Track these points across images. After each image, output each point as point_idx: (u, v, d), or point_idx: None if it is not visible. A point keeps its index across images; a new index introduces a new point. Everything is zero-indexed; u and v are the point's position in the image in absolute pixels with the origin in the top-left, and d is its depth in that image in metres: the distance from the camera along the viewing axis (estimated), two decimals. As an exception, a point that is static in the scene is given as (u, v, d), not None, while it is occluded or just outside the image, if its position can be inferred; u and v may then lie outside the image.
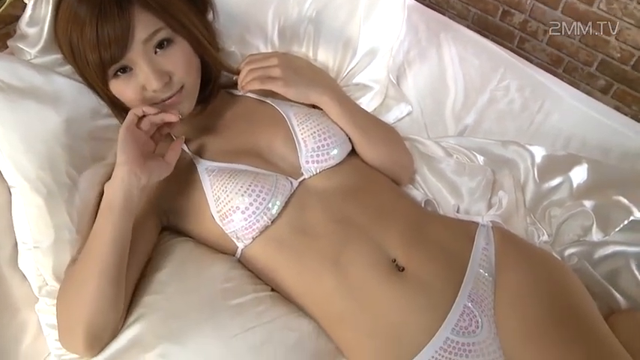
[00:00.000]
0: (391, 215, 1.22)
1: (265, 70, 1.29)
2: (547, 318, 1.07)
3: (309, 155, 1.24)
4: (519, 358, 1.05)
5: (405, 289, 1.10)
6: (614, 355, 1.02)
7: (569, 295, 1.13)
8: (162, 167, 1.14)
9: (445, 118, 1.73)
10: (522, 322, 1.08)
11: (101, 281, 1.05)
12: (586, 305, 1.13)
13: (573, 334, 1.04)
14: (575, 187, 1.51)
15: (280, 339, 1.11)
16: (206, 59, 1.27)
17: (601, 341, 1.05)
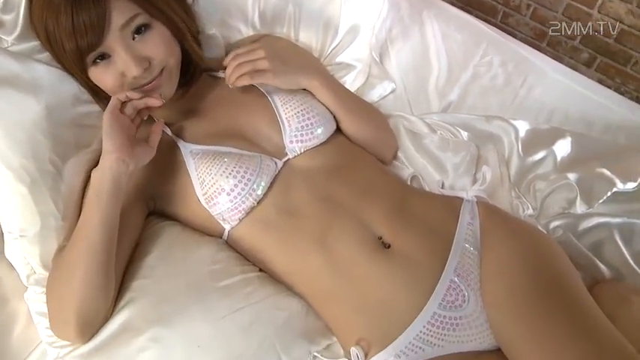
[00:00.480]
0: (376, 193, 1.23)
1: (253, 64, 1.28)
2: (532, 290, 1.08)
3: (293, 135, 1.25)
4: (505, 331, 1.07)
5: (391, 266, 1.11)
6: (597, 326, 1.04)
7: (553, 268, 1.15)
8: (146, 151, 1.15)
9: (429, 95, 1.73)
10: (508, 295, 1.09)
11: (90, 268, 1.05)
12: (570, 277, 1.15)
13: (558, 305, 1.06)
14: (559, 161, 1.52)
15: (269, 319, 1.13)
16: (185, 45, 1.27)
17: (585, 312, 1.06)
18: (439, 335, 1.06)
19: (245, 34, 1.51)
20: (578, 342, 1.00)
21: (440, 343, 1.06)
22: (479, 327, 1.09)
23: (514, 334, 1.06)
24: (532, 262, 1.14)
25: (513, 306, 1.08)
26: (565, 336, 1.01)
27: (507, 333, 1.07)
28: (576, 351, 0.98)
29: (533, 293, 1.08)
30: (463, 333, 1.07)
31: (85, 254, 1.06)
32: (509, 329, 1.07)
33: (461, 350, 1.07)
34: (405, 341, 1.05)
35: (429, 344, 1.06)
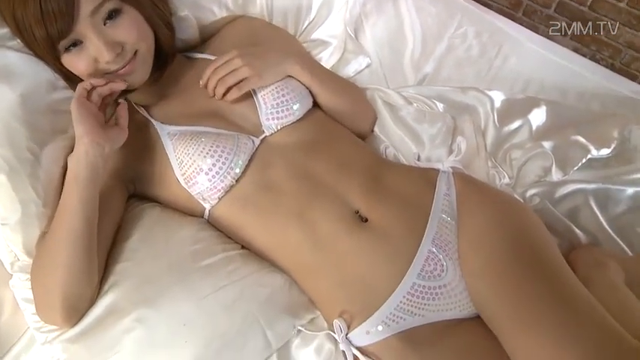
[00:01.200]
0: (352, 167, 1.25)
1: (235, 75, 1.27)
2: (509, 258, 1.11)
3: (269, 112, 1.26)
4: (484, 299, 1.10)
5: (369, 239, 1.14)
6: (573, 293, 1.06)
7: (529, 236, 1.17)
8: (119, 133, 1.15)
9: (404, 68, 1.74)
10: (485, 263, 1.12)
11: (73, 253, 1.07)
12: (546, 244, 1.18)
13: (535, 273, 1.08)
14: (535, 129, 1.54)
15: (252, 295, 1.15)
16: (157, 29, 1.26)
17: (561, 280, 1.09)
18: (419, 305, 1.09)
19: (218, 15, 1.51)
20: (554, 309, 1.02)
21: (420, 313, 1.09)
22: (458, 295, 1.12)
23: (492, 302, 1.09)
24: (508, 230, 1.16)
25: (491, 274, 1.10)
26: (542, 303, 1.03)
27: (486, 301, 1.10)
28: (552, 317, 1.01)
29: (510, 261, 1.11)
30: (443, 302, 1.10)
31: (66, 240, 1.08)
32: (487, 297, 1.10)
33: (441, 319, 1.10)
34: (386, 312, 1.08)
35: (410, 314, 1.08)
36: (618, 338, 0.99)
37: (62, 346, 1.12)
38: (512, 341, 1.04)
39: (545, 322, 1.01)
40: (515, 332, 1.04)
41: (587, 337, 0.98)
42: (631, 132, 1.50)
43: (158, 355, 1.09)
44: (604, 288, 1.21)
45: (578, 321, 1.00)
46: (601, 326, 1.00)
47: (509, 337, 1.05)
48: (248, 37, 1.47)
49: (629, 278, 1.27)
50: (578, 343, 0.96)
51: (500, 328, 1.07)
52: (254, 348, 1.13)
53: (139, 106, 1.34)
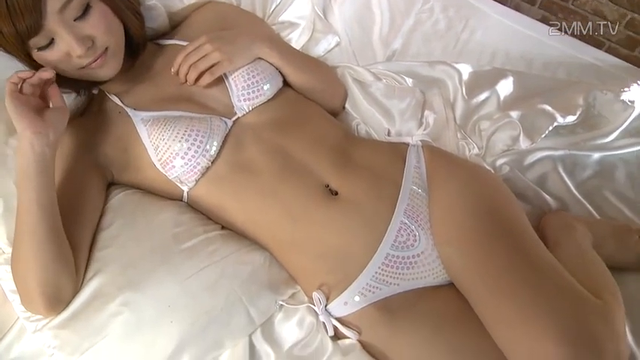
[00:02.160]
0: (323, 144, 1.30)
1: (206, 60, 1.29)
2: (478, 226, 1.17)
3: (240, 94, 1.30)
4: (455, 265, 1.16)
5: (340, 212, 1.19)
6: (538, 257, 1.13)
7: (498, 203, 1.23)
8: (59, 114, 1.14)
9: (373, 45, 1.78)
10: (456, 232, 1.18)
11: (37, 243, 1.09)
12: (514, 212, 1.23)
13: (502, 239, 1.14)
14: (502, 100, 1.59)
15: (234, 274, 1.20)
16: (126, 20, 1.28)
17: (527, 245, 1.15)
18: (394, 274, 1.15)
19: (186, 2, 1.53)
20: (520, 274, 1.08)
21: (395, 282, 1.15)
22: (431, 264, 1.18)
23: (463, 268, 1.15)
24: (477, 199, 1.22)
25: (461, 242, 1.16)
26: (509, 268, 1.09)
27: (457, 268, 1.16)
28: (518, 282, 1.07)
29: (480, 229, 1.16)
30: (417, 270, 1.16)
31: (28, 233, 1.09)
32: (458, 264, 1.15)
33: (416, 287, 1.16)
34: (362, 282, 1.14)
35: (386, 283, 1.14)
36: (579, 298, 1.05)
37: (52, 332, 1.15)
38: (481, 305, 1.10)
39: (511, 286, 1.06)
40: (485, 296, 1.10)
41: (550, 299, 1.03)
42: (595, 98, 1.56)
43: (146, 337, 1.13)
44: (571, 251, 1.27)
45: (541, 285, 1.06)
46: (563, 288, 1.06)
47: (479, 301, 1.11)
48: (217, 22, 1.49)
49: (596, 240, 1.33)
50: (541, 305, 1.02)
51: (471, 292, 1.13)
52: (238, 325, 1.18)
53: (111, 94, 1.36)
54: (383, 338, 1.14)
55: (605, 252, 1.32)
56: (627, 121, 1.56)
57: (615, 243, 1.36)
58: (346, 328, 1.16)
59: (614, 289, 1.16)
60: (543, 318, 1.00)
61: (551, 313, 1.01)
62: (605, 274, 1.22)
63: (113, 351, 1.12)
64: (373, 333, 1.15)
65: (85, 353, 1.12)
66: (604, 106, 1.57)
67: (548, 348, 0.97)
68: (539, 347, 0.98)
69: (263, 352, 1.21)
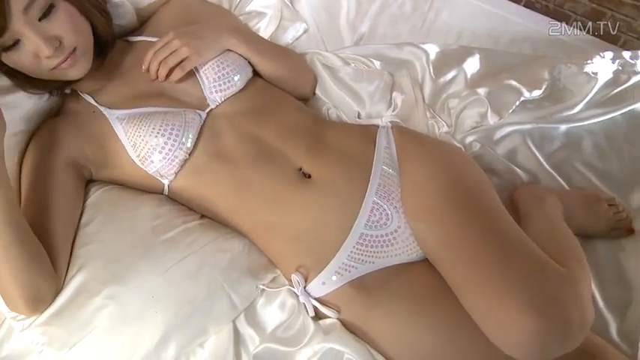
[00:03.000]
0: (295, 129, 1.35)
1: (175, 56, 1.32)
2: (449, 201, 1.22)
3: (211, 86, 1.34)
4: (428, 241, 1.22)
5: (314, 194, 1.24)
6: (508, 231, 1.18)
7: (467, 179, 1.28)
8: None
9: (341, 30, 1.82)
10: (427, 208, 1.23)
11: (5, 250, 1.09)
12: (483, 187, 1.29)
13: (472, 213, 1.20)
14: (470, 77, 1.64)
15: (214, 262, 1.25)
16: (93, 19, 1.31)
17: (497, 219, 1.20)
18: (369, 253, 1.20)
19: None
20: (489, 245, 1.13)
21: (370, 260, 1.20)
22: (405, 241, 1.23)
23: (436, 243, 1.20)
24: (447, 175, 1.27)
25: (433, 218, 1.21)
26: (478, 241, 1.14)
27: (430, 243, 1.21)
28: (488, 254, 1.12)
29: (450, 204, 1.21)
30: (391, 248, 1.21)
31: None
32: (431, 240, 1.21)
33: (391, 264, 1.21)
34: (338, 262, 1.19)
35: (361, 262, 1.20)
36: (544, 267, 1.11)
37: (40, 329, 1.17)
38: (452, 276, 1.15)
39: (480, 258, 1.12)
40: (455, 268, 1.15)
41: (517, 268, 1.09)
42: (560, 72, 1.62)
43: (132, 328, 1.17)
44: (541, 222, 1.33)
45: (509, 255, 1.12)
46: (529, 258, 1.12)
47: (450, 273, 1.16)
48: (185, 16, 1.52)
49: (567, 210, 1.39)
50: (508, 274, 1.08)
51: (443, 265, 1.18)
52: (221, 311, 1.23)
53: (84, 93, 1.39)
54: (361, 315, 1.20)
55: (576, 221, 1.38)
56: (591, 92, 1.61)
57: (585, 212, 1.42)
58: (326, 308, 1.21)
59: (580, 256, 1.22)
60: (510, 286, 1.05)
61: (518, 281, 1.06)
62: (572, 242, 1.28)
63: (101, 343, 1.16)
64: (352, 311, 1.20)
65: (73, 347, 1.15)
66: (568, 79, 1.62)
67: (516, 314, 1.02)
68: (508, 314, 1.03)
69: (247, 336, 1.26)
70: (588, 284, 1.15)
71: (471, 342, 1.13)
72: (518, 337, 1.02)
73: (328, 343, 1.18)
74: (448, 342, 1.15)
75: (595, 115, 1.62)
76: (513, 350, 1.03)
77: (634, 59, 1.72)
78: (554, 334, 1.01)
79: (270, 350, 1.22)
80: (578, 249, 1.25)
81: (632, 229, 1.43)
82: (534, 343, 1.01)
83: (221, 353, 1.23)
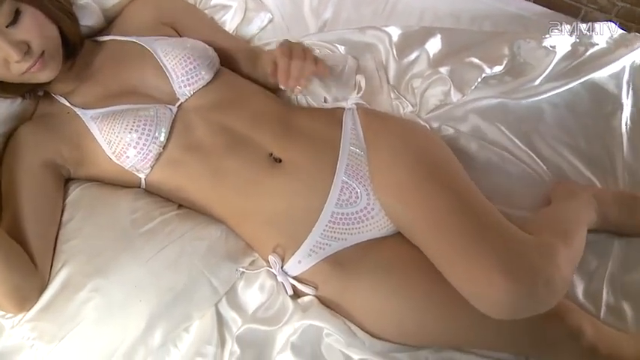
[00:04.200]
0: (263, 117, 1.42)
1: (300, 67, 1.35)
2: (415, 174, 1.30)
3: (180, 81, 1.39)
4: (399, 214, 1.30)
5: (285, 177, 1.32)
6: (474, 201, 1.27)
7: (431, 153, 1.36)
8: None
9: (305, 18, 1.87)
10: (396, 184, 1.31)
11: None
12: (447, 159, 1.38)
13: (438, 185, 1.28)
14: (432, 57, 1.70)
15: (193, 249, 1.32)
16: (60, 23, 1.34)
17: (463, 191, 1.28)
18: (341, 230, 1.29)
19: None
20: (458, 216, 1.22)
21: (343, 237, 1.28)
22: (375, 217, 1.31)
23: (407, 217, 1.28)
24: (412, 151, 1.35)
25: (402, 192, 1.29)
26: (448, 211, 1.23)
27: (401, 216, 1.30)
28: (457, 223, 1.21)
29: (418, 178, 1.29)
30: (362, 225, 1.30)
31: None
32: (401, 212, 1.29)
33: (363, 239, 1.30)
34: (312, 241, 1.28)
35: (334, 239, 1.28)
36: (513, 235, 1.21)
37: (29, 325, 1.23)
38: (429, 248, 1.24)
39: (451, 228, 1.20)
40: (431, 240, 1.23)
41: (488, 236, 1.17)
42: (520, 47, 1.69)
43: (118, 318, 1.24)
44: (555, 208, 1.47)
45: (480, 224, 1.20)
46: (499, 227, 1.21)
47: (426, 245, 1.25)
48: (152, 14, 1.58)
49: (600, 207, 1.48)
50: (480, 242, 1.16)
51: (418, 238, 1.27)
52: (203, 296, 1.31)
53: (57, 95, 1.43)
54: (337, 290, 1.28)
55: (611, 218, 1.47)
56: (550, 65, 1.68)
57: (619, 210, 1.49)
58: (303, 285, 1.29)
59: (569, 235, 1.30)
60: (482, 252, 1.14)
61: (489, 247, 1.15)
62: (567, 224, 1.36)
63: (89, 334, 1.23)
64: (328, 286, 1.29)
65: (63, 339, 1.21)
66: (528, 53, 1.69)
67: (489, 277, 1.11)
68: (482, 277, 1.12)
69: (230, 318, 1.33)
70: (567, 258, 1.22)
71: (444, 308, 1.23)
72: (492, 297, 1.10)
73: (307, 319, 1.26)
74: (422, 310, 1.24)
75: (555, 87, 1.68)
76: (489, 309, 1.12)
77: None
78: (523, 295, 1.10)
79: (253, 331, 1.30)
80: (572, 229, 1.34)
81: None
82: (507, 302, 1.09)
83: (206, 336, 1.30)
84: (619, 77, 1.76)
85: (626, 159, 1.64)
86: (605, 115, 1.71)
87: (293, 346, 1.28)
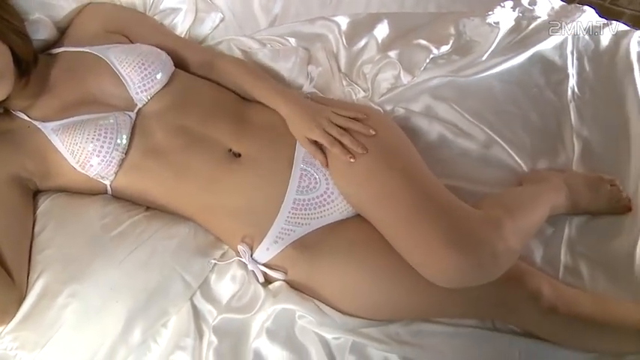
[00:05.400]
0: (220, 114, 1.48)
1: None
2: (370, 157, 1.38)
3: (137, 87, 1.44)
4: (355, 196, 1.39)
5: (245, 170, 1.39)
6: (425, 180, 1.37)
7: (384, 135, 1.44)
8: None
9: (255, 14, 1.93)
10: (351, 166, 1.38)
11: None
12: (399, 143, 1.46)
13: (389, 166, 1.37)
14: (381, 42, 1.78)
15: (163, 248, 1.37)
16: (11, 42, 1.35)
17: (414, 171, 1.38)
18: (304, 216, 1.37)
19: (68, 9, 1.61)
20: (404, 192, 1.31)
21: (306, 222, 1.36)
22: (334, 201, 1.40)
23: (360, 197, 1.38)
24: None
25: (358, 174, 1.37)
26: (395, 189, 1.32)
27: (356, 198, 1.38)
28: (404, 199, 1.30)
29: (372, 160, 1.38)
30: (323, 209, 1.38)
31: None
32: (356, 195, 1.38)
33: (325, 223, 1.38)
34: (278, 228, 1.36)
35: (298, 225, 1.36)
36: (458, 209, 1.31)
37: (11, 336, 1.27)
38: (383, 228, 1.33)
39: (403, 207, 1.30)
40: (384, 218, 1.33)
41: (434, 212, 1.28)
42: (465, 26, 1.78)
43: (96, 320, 1.29)
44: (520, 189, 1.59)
45: (427, 201, 1.30)
46: (445, 202, 1.32)
47: (376, 219, 1.34)
48: (100, 24, 1.61)
49: (571, 190, 1.59)
50: (427, 218, 1.26)
51: (370, 214, 1.36)
52: (177, 292, 1.36)
53: (17, 111, 1.44)
54: (305, 273, 1.36)
55: (582, 200, 1.58)
56: (495, 41, 1.78)
57: (589, 192, 1.59)
58: (273, 271, 1.37)
59: (515, 208, 1.39)
60: (429, 227, 1.25)
61: (435, 222, 1.25)
62: (518, 201, 1.46)
63: (70, 339, 1.27)
64: (296, 270, 1.36)
65: (45, 346, 1.25)
66: (473, 31, 1.79)
67: (435, 249, 1.22)
68: (429, 249, 1.22)
69: (205, 310, 1.40)
70: (513, 231, 1.30)
71: (409, 282, 1.30)
72: (436, 267, 1.22)
73: (279, 304, 1.33)
74: (388, 285, 1.32)
75: (502, 61, 1.78)
76: (437, 279, 1.22)
77: (532, 5, 1.90)
78: (467, 266, 1.20)
79: (228, 320, 1.36)
80: (526, 206, 1.44)
81: (629, 207, 1.61)
82: (451, 271, 1.20)
83: (183, 330, 1.36)
84: (562, 48, 1.87)
85: (574, 126, 1.73)
86: (553, 85, 1.80)
87: (268, 331, 1.35)
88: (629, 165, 1.69)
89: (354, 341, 1.35)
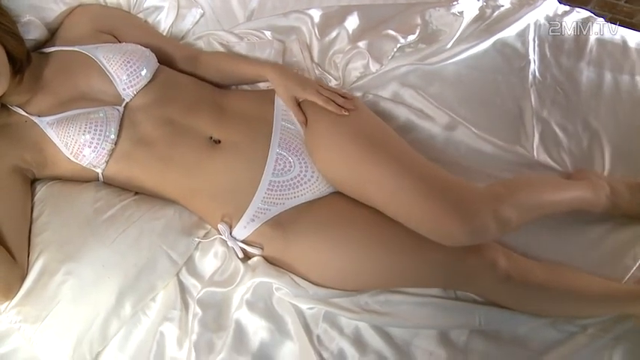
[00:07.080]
0: (200, 104, 1.61)
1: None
2: (346, 136, 1.52)
3: (124, 83, 1.56)
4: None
5: (225, 156, 1.52)
6: (403, 153, 1.51)
7: (359, 119, 1.58)
8: None
9: (234, 10, 2.04)
10: (326, 149, 1.53)
11: None
12: (380, 125, 1.60)
13: (380, 150, 1.50)
14: (351, 33, 1.90)
15: (151, 228, 1.51)
16: (4, 43, 1.43)
17: (390, 145, 1.52)
18: (279, 196, 1.50)
19: (58, 11, 1.73)
20: (388, 165, 1.45)
21: (281, 202, 1.50)
22: (308, 182, 1.53)
23: (342, 171, 1.51)
24: (345, 121, 1.56)
25: (332, 155, 1.52)
26: (396, 172, 1.45)
27: (337, 172, 1.52)
28: (387, 171, 1.44)
29: (345, 139, 1.51)
30: (297, 190, 1.52)
31: None
32: (337, 170, 1.52)
33: (299, 202, 1.52)
34: (254, 207, 1.50)
35: (273, 204, 1.49)
36: (458, 183, 1.46)
37: (15, 310, 1.41)
38: (387, 207, 1.48)
39: (382, 179, 1.44)
40: (386, 200, 1.47)
41: (438, 188, 1.43)
42: (431, 15, 1.91)
43: (91, 294, 1.42)
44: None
45: (408, 171, 1.45)
46: (443, 178, 1.46)
47: (383, 205, 1.48)
48: (89, 24, 1.72)
49: (612, 192, 1.69)
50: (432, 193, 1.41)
51: (373, 201, 1.50)
52: (164, 268, 1.51)
53: (14, 106, 1.55)
54: (280, 248, 1.49)
55: (623, 203, 1.68)
56: (460, 29, 1.90)
57: (630, 195, 1.69)
58: (251, 247, 1.50)
59: (519, 187, 1.53)
60: (435, 201, 1.40)
61: (440, 196, 1.41)
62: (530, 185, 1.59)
63: (67, 312, 1.41)
64: (272, 245, 1.50)
65: (45, 319, 1.39)
66: (439, 20, 1.91)
67: (442, 217, 1.38)
68: (437, 218, 1.39)
69: (190, 285, 1.54)
70: (512, 204, 1.45)
71: (378, 255, 1.46)
72: (443, 231, 1.40)
73: (257, 277, 1.47)
74: (359, 257, 1.46)
75: (466, 48, 1.90)
76: (446, 240, 1.40)
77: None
78: (468, 230, 1.37)
79: (211, 293, 1.50)
80: (536, 189, 1.57)
81: None
82: (459, 233, 1.38)
83: (170, 303, 1.50)
84: (525, 34, 1.98)
85: (535, 109, 1.86)
86: (516, 71, 1.92)
87: (248, 303, 1.49)
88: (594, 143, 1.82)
89: (327, 311, 1.49)
